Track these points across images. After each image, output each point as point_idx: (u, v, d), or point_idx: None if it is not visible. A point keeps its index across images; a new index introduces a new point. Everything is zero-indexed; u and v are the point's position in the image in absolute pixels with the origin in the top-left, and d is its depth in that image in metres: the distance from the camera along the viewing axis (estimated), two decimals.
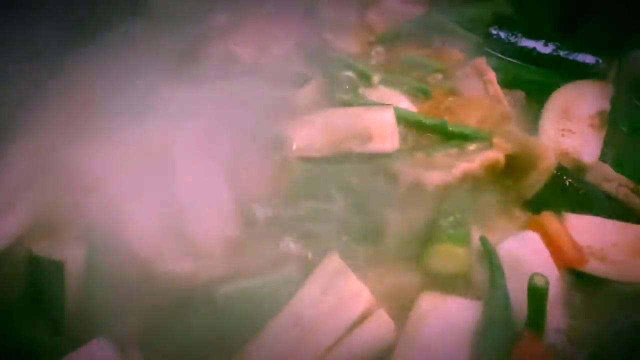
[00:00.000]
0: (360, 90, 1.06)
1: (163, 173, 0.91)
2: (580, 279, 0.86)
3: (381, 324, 0.76)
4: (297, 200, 0.91)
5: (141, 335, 0.77)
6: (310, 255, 0.85)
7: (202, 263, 0.82)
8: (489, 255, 0.83)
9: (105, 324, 0.77)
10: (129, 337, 0.77)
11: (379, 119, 0.98)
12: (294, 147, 0.96)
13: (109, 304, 0.78)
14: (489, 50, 1.20)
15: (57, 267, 0.77)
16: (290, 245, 0.86)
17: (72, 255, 0.80)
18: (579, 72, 1.14)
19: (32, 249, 0.81)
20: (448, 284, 0.83)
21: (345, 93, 1.05)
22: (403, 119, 1.01)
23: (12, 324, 0.78)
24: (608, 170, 0.96)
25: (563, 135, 1.02)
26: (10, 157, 0.97)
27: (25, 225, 0.88)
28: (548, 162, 0.94)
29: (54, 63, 1.09)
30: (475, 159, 0.95)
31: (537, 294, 0.75)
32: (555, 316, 0.82)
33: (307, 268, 0.83)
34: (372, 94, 1.07)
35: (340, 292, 0.77)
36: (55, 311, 0.77)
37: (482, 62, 1.12)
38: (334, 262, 0.79)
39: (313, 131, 0.98)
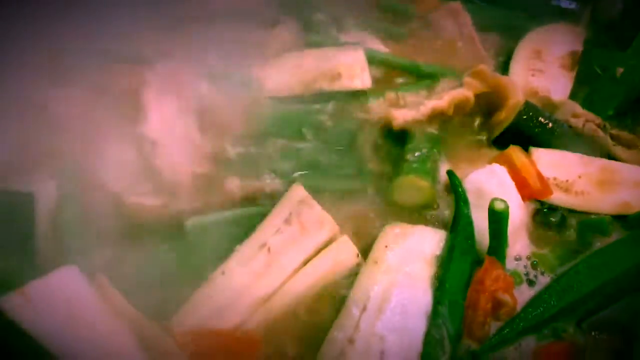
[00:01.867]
0: (333, 33, 1.06)
1: (134, 112, 0.92)
2: (543, 209, 0.87)
3: (345, 250, 0.78)
4: (268, 139, 0.92)
5: (110, 264, 0.78)
6: (278, 190, 0.86)
7: (170, 197, 0.83)
8: (454, 186, 0.84)
9: (75, 253, 0.78)
10: (99, 265, 0.78)
11: (349, 58, 0.98)
12: (265, 87, 0.97)
13: (79, 234, 0.79)
14: None
15: (27, 199, 0.78)
16: (260, 181, 0.87)
17: (44, 189, 0.80)
18: (552, 15, 1.14)
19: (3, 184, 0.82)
20: (414, 215, 0.85)
21: (317, 35, 1.05)
22: (374, 60, 1.01)
23: None
24: (576, 107, 0.97)
25: (533, 75, 1.03)
26: None
27: None
28: (516, 100, 0.94)
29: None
30: (444, 97, 0.96)
31: (496, 218, 0.76)
32: (519, 244, 0.84)
33: (275, 202, 0.84)
34: (345, 37, 1.07)
35: (304, 220, 0.78)
36: (26, 240, 0.78)
37: (457, 4, 1.12)
38: (298, 192, 0.80)
39: (283, 72, 0.99)
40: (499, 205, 0.76)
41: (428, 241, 0.80)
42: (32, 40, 1.04)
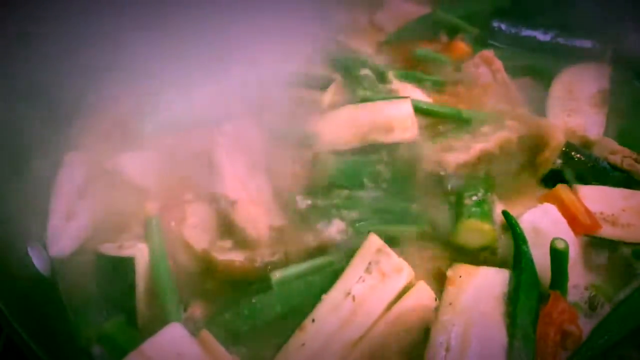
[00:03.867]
0: (380, 87, 1.14)
1: (207, 173, 1.00)
2: (595, 243, 0.95)
3: (423, 294, 0.85)
4: (332, 190, 0.99)
5: (208, 319, 0.85)
6: (348, 238, 0.94)
7: (254, 252, 0.91)
8: (512, 226, 0.91)
9: (173, 313, 0.85)
10: (197, 321, 0.85)
11: (398, 110, 1.06)
12: (323, 141, 1.05)
13: (174, 295, 0.86)
14: (493, 42, 1.29)
15: (128, 263, 0.85)
16: (330, 230, 0.94)
17: (138, 252, 0.87)
18: (577, 56, 1.23)
19: (99, 250, 0.89)
20: (476, 257, 0.92)
21: (365, 90, 1.13)
22: (420, 109, 1.09)
23: (89, 320, 0.87)
24: (612, 144, 1.05)
25: (568, 115, 1.11)
26: (66, 167, 1.05)
27: (87, 230, 0.97)
28: (558, 141, 1.02)
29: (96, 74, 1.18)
30: (489, 140, 1.04)
31: (558, 256, 0.84)
32: (576, 277, 0.91)
33: (347, 250, 0.92)
34: (389, 89, 1.15)
35: (383, 268, 0.85)
36: (128, 304, 0.85)
37: (489, 52, 1.21)
38: (374, 242, 0.87)
39: (339, 126, 1.07)
40: (559, 245, 0.84)
41: (495, 281, 0.87)
42: (107, 107, 1.13)
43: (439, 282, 0.88)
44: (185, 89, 1.15)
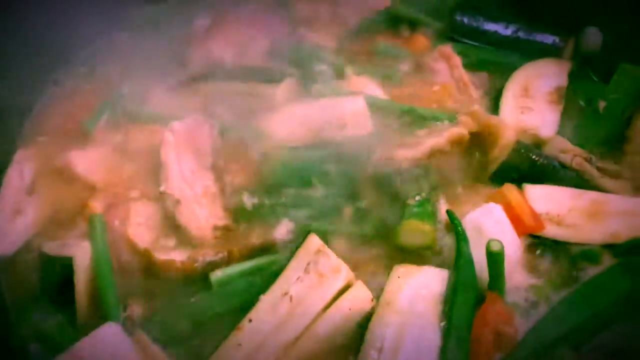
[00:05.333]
0: (335, 81, 1.13)
1: (155, 171, 1.00)
2: (539, 244, 0.95)
3: (360, 295, 0.85)
4: (280, 188, 0.99)
5: (146, 319, 0.86)
6: (293, 238, 0.94)
7: (196, 251, 0.91)
8: (455, 227, 0.91)
9: (112, 312, 0.86)
10: (135, 321, 0.86)
11: (352, 107, 1.06)
12: (274, 137, 1.05)
13: (114, 294, 0.87)
14: (454, 36, 1.28)
15: (67, 263, 0.85)
16: (275, 230, 0.95)
17: (79, 250, 0.88)
18: (539, 51, 1.22)
19: (42, 248, 0.90)
20: (419, 256, 0.92)
21: (320, 85, 1.12)
22: (374, 106, 1.09)
23: (30, 317, 0.87)
24: (564, 142, 1.04)
25: (522, 113, 1.10)
26: (16, 164, 1.05)
27: (33, 227, 0.97)
28: (508, 139, 1.01)
29: (52, 73, 1.18)
30: (441, 136, 1.04)
31: (494, 258, 0.84)
32: (516, 277, 0.91)
33: (292, 250, 0.92)
34: (346, 84, 1.15)
35: (321, 269, 0.85)
36: (67, 303, 0.85)
37: (447, 48, 1.20)
38: (314, 242, 0.88)
39: (291, 123, 1.07)
40: (495, 246, 0.84)
41: (434, 281, 0.87)
42: (58, 105, 1.13)
43: (379, 283, 0.88)
44: (140, 85, 1.15)
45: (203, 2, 1.31)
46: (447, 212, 0.94)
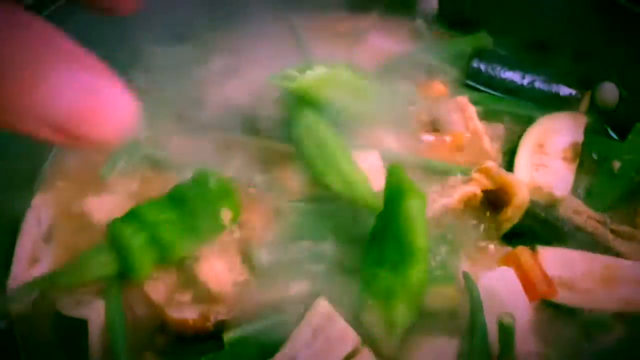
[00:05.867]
0: (348, 134, 1.13)
1: None
2: (551, 309, 0.95)
3: None
4: (294, 242, 0.99)
5: None
6: (307, 297, 0.95)
7: (209, 308, 0.92)
8: (471, 292, 0.91)
9: None
10: None
11: (366, 162, 1.06)
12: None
13: (127, 354, 0.88)
14: (471, 82, 1.28)
15: (82, 325, 0.86)
16: (290, 288, 0.95)
17: (92, 314, 0.89)
18: (555, 103, 1.22)
19: (56, 303, 0.91)
20: (433, 317, 0.92)
21: None
22: (389, 160, 1.09)
23: None
24: (578, 203, 1.04)
25: (537, 170, 1.10)
26: (34, 210, 1.06)
27: None
28: (522, 198, 1.01)
29: None
30: (454, 194, 1.04)
31: (505, 331, 0.84)
32: (527, 344, 0.91)
33: (307, 307, 0.93)
34: (359, 131, 1.15)
35: (328, 335, 0.86)
36: None
37: (464, 99, 1.20)
38: (322, 306, 0.88)
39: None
40: (506, 320, 0.84)
41: (445, 351, 0.88)
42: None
43: (390, 348, 0.88)
44: (156, 130, 1.16)
45: (220, 43, 1.32)
46: (464, 275, 0.94)
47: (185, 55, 1.30)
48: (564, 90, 1.23)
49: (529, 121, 1.19)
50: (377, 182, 1.06)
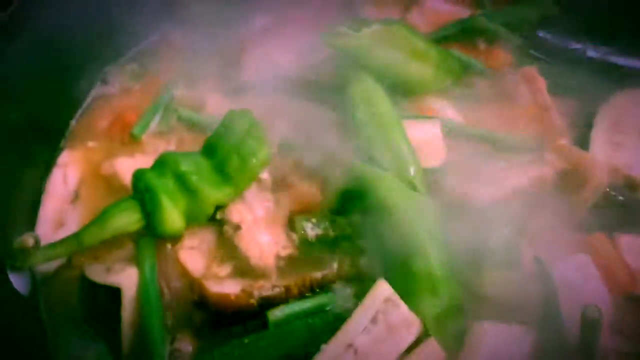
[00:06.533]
0: (407, 102, 1.03)
1: None
2: (632, 303, 0.85)
3: (432, 352, 0.76)
4: (346, 217, 0.90)
5: (195, 356, 0.78)
6: (356, 276, 0.85)
7: (251, 283, 0.83)
8: (543, 279, 0.82)
9: (158, 345, 0.78)
10: (183, 357, 0.78)
11: (426, 133, 0.96)
12: (341, 159, 0.95)
13: (161, 327, 0.79)
14: (536, 53, 1.17)
15: (114, 294, 0.77)
16: (338, 265, 0.86)
17: (124, 281, 0.80)
18: (631, 78, 1.10)
19: (85, 271, 0.82)
20: (500, 307, 0.82)
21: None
22: (450, 131, 0.99)
23: (69, 344, 0.81)
24: None
25: (614, 150, 0.99)
26: (60, 168, 0.97)
27: None
28: (600, 180, 0.92)
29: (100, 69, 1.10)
30: (524, 174, 0.94)
31: (590, 325, 0.74)
32: (605, 340, 0.81)
33: (354, 290, 0.84)
34: (418, 104, 1.04)
35: (390, 320, 0.77)
36: (111, 333, 0.78)
37: (532, 69, 1.09)
38: (383, 289, 0.79)
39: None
40: (592, 313, 0.74)
41: (517, 340, 0.78)
42: (106, 107, 1.05)
43: (455, 338, 0.79)
44: (193, 88, 1.07)
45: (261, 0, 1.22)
46: (536, 260, 0.84)
47: (224, 12, 1.19)
48: None
49: (602, 97, 1.07)
50: (436, 155, 0.96)
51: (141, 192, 0.83)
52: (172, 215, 0.82)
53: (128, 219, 0.83)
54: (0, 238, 0.84)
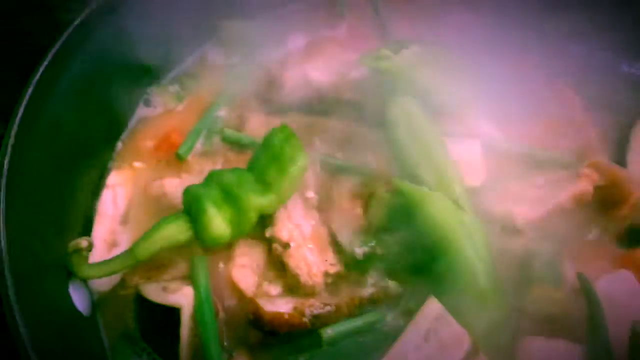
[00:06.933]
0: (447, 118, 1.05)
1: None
2: None
3: None
4: (390, 234, 0.92)
5: None
6: (405, 293, 0.87)
7: (303, 302, 0.85)
8: (588, 295, 0.83)
9: None
10: None
11: (466, 153, 0.98)
12: (382, 178, 0.98)
13: (218, 345, 0.82)
14: (569, 66, 1.18)
15: (174, 314, 0.80)
16: (386, 282, 0.88)
17: (183, 300, 0.83)
18: None
19: (141, 290, 0.85)
20: (546, 324, 0.84)
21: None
22: (490, 149, 1.00)
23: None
24: None
25: None
26: (110, 189, 1.00)
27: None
28: (638, 196, 0.93)
29: (143, 91, 1.13)
30: (563, 190, 0.96)
31: (639, 340, 0.76)
32: None
33: (403, 308, 0.86)
34: (457, 119, 1.06)
35: (441, 338, 0.79)
36: (170, 352, 0.81)
37: (565, 83, 1.10)
38: (434, 307, 0.81)
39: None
40: None
41: (566, 356, 0.80)
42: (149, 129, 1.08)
43: (504, 355, 0.81)
44: (235, 108, 1.10)
45: (298, 20, 1.24)
46: (579, 276, 0.86)
47: (262, 32, 1.22)
48: None
49: (636, 112, 1.08)
50: (476, 174, 0.98)
51: (188, 203, 0.86)
52: (216, 220, 0.84)
53: (177, 229, 0.86)
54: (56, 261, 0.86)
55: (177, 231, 0.85)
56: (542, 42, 1.20)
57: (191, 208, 0.85)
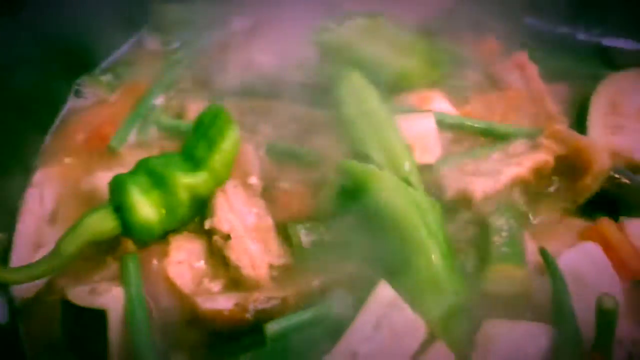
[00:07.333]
0: (402, 95, 0.99)
1: None
2: None
3: (440, 357, 0.72)
4: (339, 221, 0.86)
5: None
6: (356, 282, 0.81)
7: (246, 297, 0.78)
8: (552, 272, 0.78)
9: None
10: None
11: (420, 128, 0.92)
12: (331, 161, 0.91)
13: (152, 350, 0.74)
14: (526, 41, 1.13)
15: (100, 317, 0.72)
16: (335, 272, 0.82)
17: (111, 299, 0.75)
18: (624, 60, 1.07)
19: (67, 294, 0.77)
20: (507, 305, 0.78)
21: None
22: (444, 124, 0.95)
23: None
24: None
25: (613, 133, 0.96)
26: (35, 188, 0.92)
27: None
28: (602, 164, 0.88)
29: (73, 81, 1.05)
30: (522, 163, 0.90)
31: (606, 316, 0.70)
32: (620, 329, 0.77)
33: (354, 297, 0.79)
34: (411, 97, 1.00)
35: (394, 326, 0.72)
36: (95, 357, 0.73)
37: (522, 55, 1.06)
38: (385, 293, 0.74)
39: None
40: (608, 303, 0.70)
41: (531, 339, 0.74)
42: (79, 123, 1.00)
43: (464, 341, 0.74)
44: (173, 96, 1.03)
45: (242, 1, 1.17)
46: (541, 252, 0.80)
47: (202, 15, 1.15)
48: (635, 45, 1.08)
49: (595, 81, 1.04)
50: (431, 151, 0.92)
51: (113, 192, 0.80)
52: (140, 202, 0.78)
53: (101, 218, 0.79)
54: None
55: (101, 221, 0.78)
56: (500, 16, 1.16)
57: (115, 195, 0.78)
